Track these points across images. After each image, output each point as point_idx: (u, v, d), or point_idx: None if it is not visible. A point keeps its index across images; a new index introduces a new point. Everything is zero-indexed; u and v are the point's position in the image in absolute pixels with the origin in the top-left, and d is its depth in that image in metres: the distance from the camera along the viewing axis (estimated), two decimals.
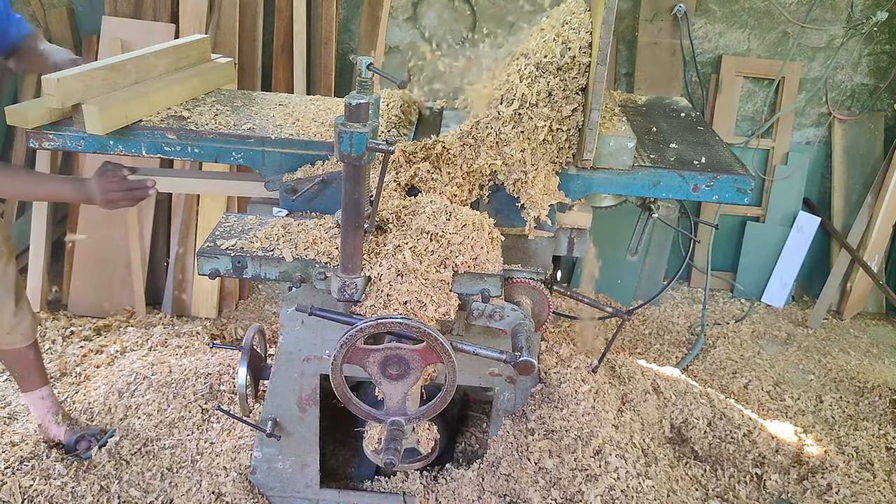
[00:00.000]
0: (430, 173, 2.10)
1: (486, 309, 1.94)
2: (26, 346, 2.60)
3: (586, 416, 2.34)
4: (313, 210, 2.13)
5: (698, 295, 4.41)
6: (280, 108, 2.40)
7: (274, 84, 3.95)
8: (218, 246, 1.91)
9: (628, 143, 2.07)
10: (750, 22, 4.12)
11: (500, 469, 2.34)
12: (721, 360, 3.70)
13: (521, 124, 2.03)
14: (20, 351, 2.60)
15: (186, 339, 3.45)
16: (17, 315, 2.53)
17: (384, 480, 2.55)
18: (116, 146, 2.15)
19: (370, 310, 1.81)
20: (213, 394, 2.96)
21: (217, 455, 2.62)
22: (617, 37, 4.14)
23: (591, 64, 2.00)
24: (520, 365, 1.81)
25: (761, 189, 4.36)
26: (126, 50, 3.64)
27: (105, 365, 3.24)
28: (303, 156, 2.15)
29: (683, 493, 2.34)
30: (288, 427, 2.39)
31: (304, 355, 2.31)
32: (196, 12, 3.68)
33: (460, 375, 1.81)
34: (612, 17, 1.87)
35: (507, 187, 2.10)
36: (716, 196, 2.10)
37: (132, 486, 2.53)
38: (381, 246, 1.89)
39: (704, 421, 2.95)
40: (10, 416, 2.88)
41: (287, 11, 3.85)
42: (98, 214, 3.68)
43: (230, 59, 2.69)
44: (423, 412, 1.85)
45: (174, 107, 2.30)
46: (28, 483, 2.47)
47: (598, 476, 2.24)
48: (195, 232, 3.78)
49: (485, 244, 1.90)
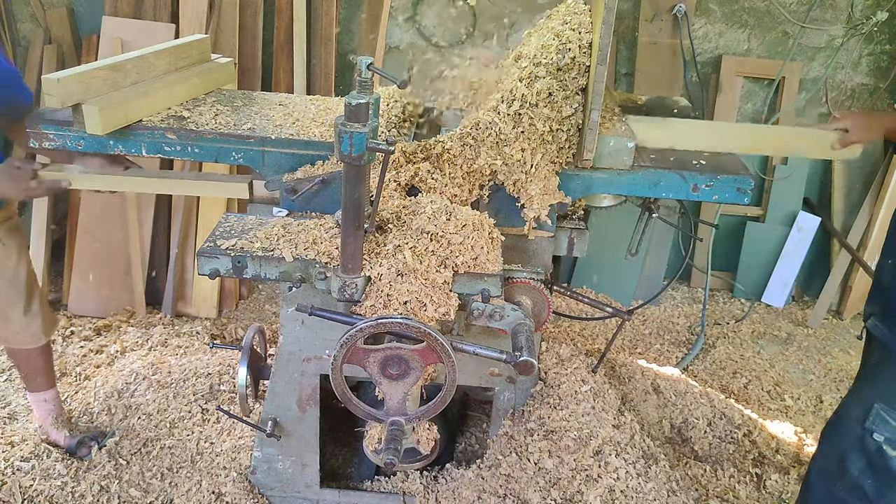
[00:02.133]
0: (430, 173, 2.10)
1: (486, 309, 1.94)
2: (36, 348, 2.59)
3: (586, 417, 2.34)
4: (313, 210, 2.13)
5: (698, 295, 4.41)
6: (280, 108, 2.40)
7: (274, 84, 3.95)
8: (218, 246, 1.91)
9: (628, 143, 2.07)
10: (750, 22, 4.12)
11: (500, 469, 2.34)
12: (721, 360, 3.70)
13: (521, 124, 2.03)
14: (30, 352, 2.59)
15: (186, 339, 3.45)
16: (29, 315, 2.52)
17: (384, 480, 2.55)
18: (116, 146, 2.15)
19: (370, 310, 1.81)
20: (213, 394, 2.97)
21: (217, 455, 2.62)
22: (617, 37, 4.14)
23: (591, 64, 2.00)
24: (520, 365, 1.81)
25: (761, 189, 4.36)
26: (126, 50, 3.64)
27: (105, 365, 3.24)
28: (303, 156, 2.15)
29: (683, 493, 2.34)
30: (288, 427, 2.39)
31: (304, 355, 2.31)
32: (196, 12, 3.69)
33: (460, 375, 1.81)
34: (612, 17, 1.87)
35: (507, 187, 2.09)
36: (716, 196, 2.10)
37: (132, 486, 2.53)
38: (381, 246, 1.89)
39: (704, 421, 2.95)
40: (10, 416, 2.88)
41: (287, 11, 3.85)
42: (98, 214, 3.68)
43: (230, 59, 2.69)
44: (423, 412, 1.85)
45: (174, 107, 2.30)
46: (28, 483, 2.47)
47: (597, 476, 2.24)
48: (195, 232, 3.78)
49: (485, 244, 1.90)
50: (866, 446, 2.10)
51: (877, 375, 2.16)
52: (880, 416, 2.08)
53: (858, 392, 2.21)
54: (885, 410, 2.07)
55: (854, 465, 2.13)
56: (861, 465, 2.12)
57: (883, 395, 2.09)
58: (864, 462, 2.11)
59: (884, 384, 2.11)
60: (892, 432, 2.06)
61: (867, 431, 2.09)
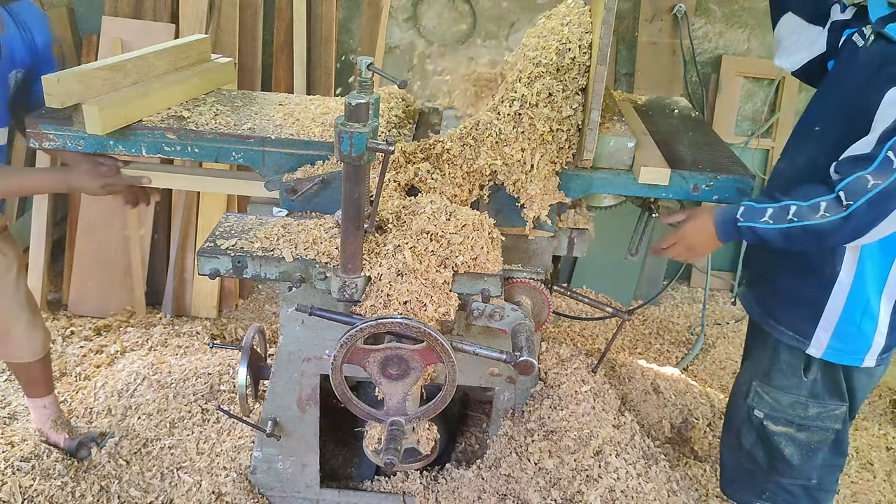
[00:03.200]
0: (430, 173, 2.10)
1: (486, 309, 1.94)
2: (35, 361, 2.57)
3: (586, 417, 2.34)
4: (313, 210, 2.13)
5: (698, 295, 4.40)
6: (280, 108, 2.40)
7: (274, 84, 3.95)
8: (218, 246, 1.91)
9: (628, 143, 2.07)
10: (750, 22, 4.12)
11: (500, 469, 2.34)
12: (721, 360, 3.70)
13: (521, 125, 2.03)
14: (28, 364, 2.56)
15: (186, 339, 3.45)
16: (30, 329, 2.49)
17: (384, 480, 2.55)
18: (116, 146, 2.15)
19: (370, 310, 1.81)
20: (213, 394, 2.96)
21: (217, 455, 2.62)
22: (617, 37, 4.14)
23: (591, 64, 2.00)
24: (520, 365, 1.81)
25: (761, 189, 4.36)
26: (126, 50, 3.64)
27: (105, 365, 3.24)
28: (303, 156, 2.15)
29: (683, 493, 2.34)
30: (288, 427, 2.39)
31: (304, 355, 2.31)
32: (196, 12, 3.69)
33: (460, 375, 1.81)
34: (612, 17, 1.87)
35: (507, 187, 2.09)
36: (716, 196, 2.10)
37: (132, 486, 2.53)
38: (381, 246, 1.89)
39: (704, 421, 2.95)
40: (10, 416, 2.88)
41: (287, 11, 3.86)
42: (98, 214, 3.68)
43: (230, 59, 2.69)
44: (423, 412, 1.85)
45: (174, 107, 2.30)
46: (28, 483, 2.47)
47: (598, 476, 2.24)
48: (195, 232, 3.78)
49: (485, 244, 1.90)
50: (752, 421, 2.18)
51: (751, 351, 2.25)
52: (757, 392, 2.15)
53: (743, 368, 2.29)
54: (760, 386, 2.15)
55: (746, 439, 2.22)
56: (752, 439, 2.20)
57: (757, 372, 2.17)
58: (754, 436, 2.19)
59: (756, 360, 2.19)
60: (769, 408, 2.14)
61: (750, 408, 2.18)
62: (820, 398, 2.08)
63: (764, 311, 2.13)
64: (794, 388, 2.09)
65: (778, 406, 2.11)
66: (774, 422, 2.12)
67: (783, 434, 2.12)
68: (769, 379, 2.12)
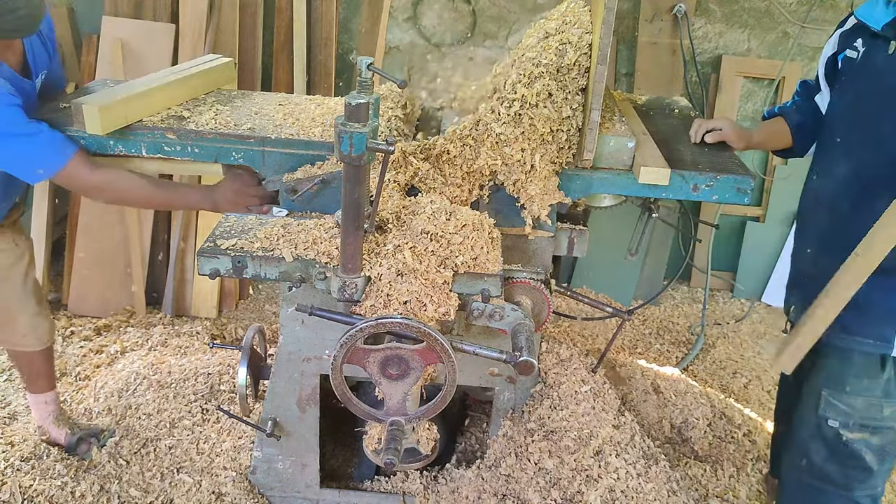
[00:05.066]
0: (430, 173, 2.10)
1: (486, 309, 1.94)
2: (40, 351, 2.59)
3: (586, 417, 2.34)
4: (313, 210, 2.13)
5: (698, 295, 4.40)
6: (280, 108, 2.40)
7: (274, 84, 3.95)
8: (218, 246, 1.91)
9: (628, 143, 2.07)
10: (750, 22, 4.12)
11: (500, 469, 2.34)
12: (721, 360, 3.70)
13: (521, 125, 2.03)
14: (32, 354, 2.58)
15: (186, 339, 3.45)
16: (36, 318, 2.52)
17: (384, 480, 2.55)
18: (116, 146, 2.15)
19: (370, 310, 1.81)
20: (213, 394, 2.96)
21: (217, 455, 2.62)
22: (617, 37, 4.14)
23: (591, 64, 2.00)
24: (520, 365, 1.81)
25: (761, 189, 4.36)
26: (126, 50, 3.65)
27: (105, 365, 3.24)
28: (303, 156, 2.15)
29: (683, 493, 2.34)
30: (288, 427, 2.39)
31: (304, 355, 2.31)
32: (196, 12, 3.68)
33: (460, 375, 1.81)
34: (612, 17, 1.87)
35: (507, 187, 2.09)
36: (716, 196, 2.10)
37: (132, 486, 2.53)
38: (381, 246, 1.89)
39: (704, 421, 2.95)
40: (11, 416, 2.88)
41: (287, 11, 3.85)
42: (98, 214, 3.68)
43: (230, 59, 2.69)
44: (423, 412, 1.85)
45: (174, 107, 2.30)
46: (28, 483, 2.47)
47: (598, 476, 2.24)
48: (195, 232, 3.78)
49: (485, 244, 1.90)
50: (824, 433, 2.15)
51: (813, 366, 2.21)
52: (829, 401, 2.13)
53: (806, 388, 2.25)
54: (832, 395, 2.13)
55: (817, 455, 2.19)
56: (824, 454, 2.17)
57: (826, 381, 2.15)
58: (826, 449, 2.16)
59: (822, 370, 2.17)
60: (844, 416, 2.11)
61: (822, 419, 2.15)
62: (892, 397, 2.07)
63: (831, 326, 2.08)
64: (869, 390, 2.07)
65: (852, 411, 2.09)
66: (850, 429, 2.10)
67: (861, 441, 2.10)
68: (842, 385, 2.10)
